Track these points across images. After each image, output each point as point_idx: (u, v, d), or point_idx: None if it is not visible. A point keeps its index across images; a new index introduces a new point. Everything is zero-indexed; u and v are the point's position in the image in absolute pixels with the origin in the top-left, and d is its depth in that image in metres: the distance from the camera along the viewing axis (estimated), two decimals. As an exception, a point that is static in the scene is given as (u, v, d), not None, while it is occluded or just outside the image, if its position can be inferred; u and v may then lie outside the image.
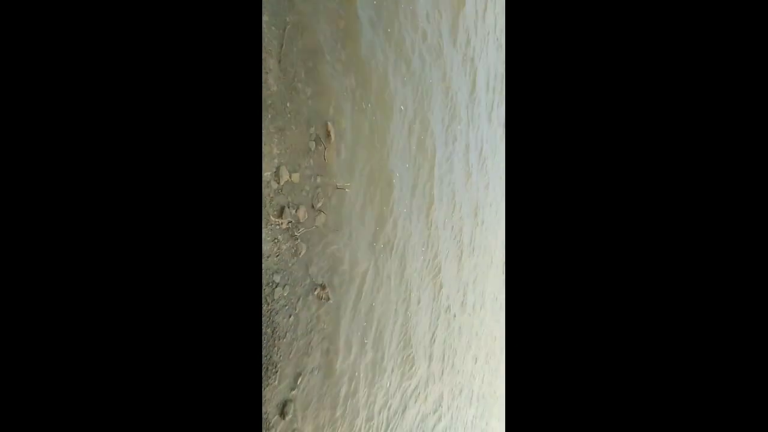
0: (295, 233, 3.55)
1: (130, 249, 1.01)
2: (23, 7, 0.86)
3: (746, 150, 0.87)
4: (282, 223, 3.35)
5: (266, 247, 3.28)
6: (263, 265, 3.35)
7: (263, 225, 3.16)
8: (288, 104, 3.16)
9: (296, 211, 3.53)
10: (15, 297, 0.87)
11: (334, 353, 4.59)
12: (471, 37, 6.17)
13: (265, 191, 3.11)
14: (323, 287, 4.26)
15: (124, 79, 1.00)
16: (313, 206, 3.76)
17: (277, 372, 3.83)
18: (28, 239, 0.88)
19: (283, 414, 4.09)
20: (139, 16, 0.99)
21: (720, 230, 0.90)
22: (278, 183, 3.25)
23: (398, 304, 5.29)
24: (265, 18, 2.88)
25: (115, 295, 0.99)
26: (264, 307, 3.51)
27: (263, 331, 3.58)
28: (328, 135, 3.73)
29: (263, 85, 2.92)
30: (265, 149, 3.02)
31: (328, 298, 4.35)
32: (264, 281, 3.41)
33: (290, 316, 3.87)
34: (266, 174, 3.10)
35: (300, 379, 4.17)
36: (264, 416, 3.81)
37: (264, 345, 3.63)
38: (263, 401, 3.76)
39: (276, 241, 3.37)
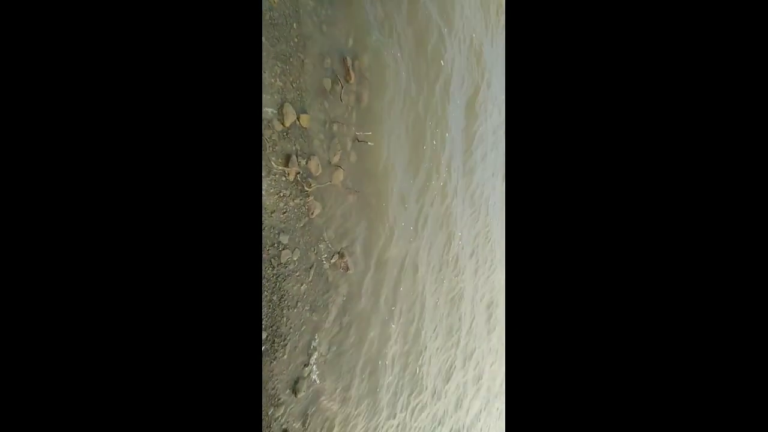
0: (306, 188, 3.05)
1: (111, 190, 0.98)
2: (23, 7, 0.86)
3: (746, 149, 0.88)
4: (288, 174, 2.84)
5: (269, 201, 2.81)
6: (266, 222, 2.90)
7: (263, 174, 2.67)
8: (295, 25, 2.60)
9: (307, 163, 3.02)
10: (15, 297, 0.88)
11: (357, 332, 4.13)
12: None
13: (265, 132, 2.61)
14: (342, 255, 3.77)
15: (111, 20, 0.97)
16: (329, 160, 3.23)
17: (286, 345, 3.44)
18: (22, 234, 0.88)
19: (295, 391, 3.72)
20: None
21: (720, 227, 0.91)
22: (282, 124, 2.73)
23: (426, 287, 4.68)
24: None
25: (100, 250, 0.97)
26: (269, 271, 3.09)
27: (268, 297, 3.17)
28: (348, 73, 3.13)
29: (263, -1, 2.38)
30: (264, 79, 2.49)
31: (347, 268, 3.86)
32: (268, 240, 2.96)
33: (302, 285, 3.43)
34: (267, 110, 2.59)
35: (315, 356, 3.77)
36: (272, 391, 3.47)
37: (269, 314, 3.23)
38: (271, 375, 3.40)
39: (282, 195, 2.89)
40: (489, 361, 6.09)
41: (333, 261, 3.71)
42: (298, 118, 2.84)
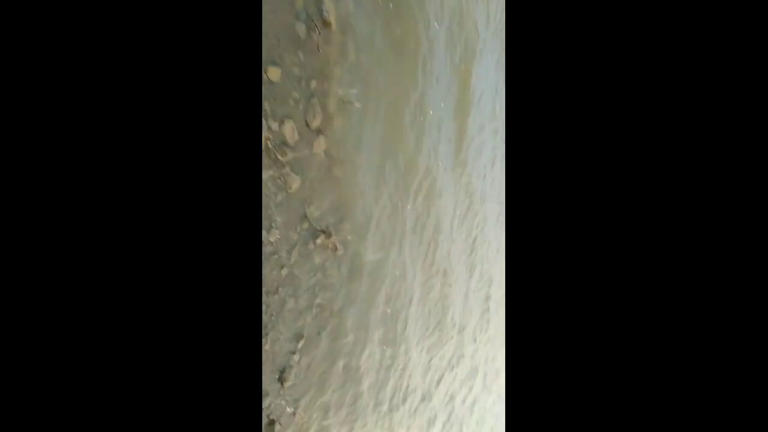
0: (280, 158, 2.61)
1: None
2: (23, 7, 0.86)
3: (747, 149, 0.89)
4: (256, 140, 2.38)
5: (234, 172, 2.38)
6: (233, 197, 2.48)
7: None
8: (252, -51, 2.06)
9: (281, 127, 2.56)
10: (14, 297, 0.87)
11: (347, 316, 3.81)
12: None
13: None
14: (328, 235, 3.37)
15: None
16: (307, 124, 2.76)
17: (267, 334, 3.13)
18: (21, 235, 0.88)
19: (282, 381, 3.44)
20: None
21: (721, 227, 0.90)
22: (246, 78, 2.24)
23: (423, 264, 4.29)
24: None
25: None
26: (240, 254, 2.71)
27: (242, 283, 2.82)
28: (326, 18, 2.61)
29: None
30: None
31: (336, 248, 3.47)
32: (237, 219, 2.56)
33: (282, 267, 3.07)
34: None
35: (301, 343, 3.46)
36: (254, 383, 3.19)
37: (245, 301, 2.88)
38: (251, 366, 3.11)
39: (250, 165, 2.45)
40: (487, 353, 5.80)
41: (319, 241, 3.32)
42: (266, 72, 2.36)
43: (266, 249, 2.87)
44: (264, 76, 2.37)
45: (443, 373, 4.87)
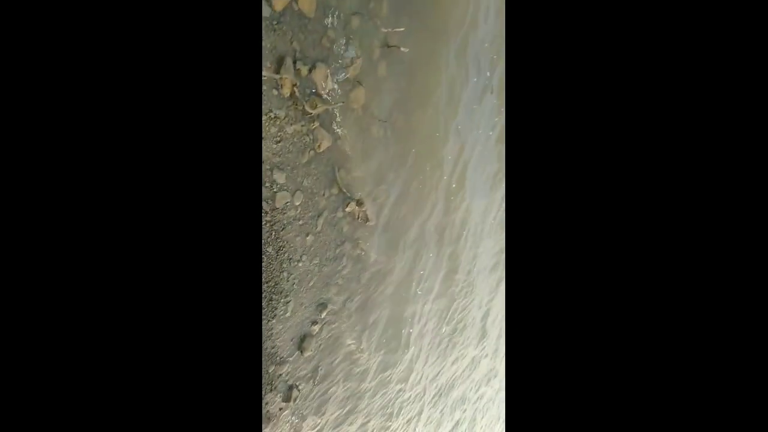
0: (309, 110, 2.22)
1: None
2: (23, 7, 0.88)
3: (747, 150, 0.91)
4: (282, 84, 2.01)
5: (254, 123, 2.03)
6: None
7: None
8: None
9: (311, 72, 2.15)
10: (15, 297, 0.90)
11: (377, 287, 3.55)
12: None
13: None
14: (360, 203, 3.02)
15: None
16: (344, 71, 2.32)
17: (288, 302, 2.94)
18: (19, 232, 0.90)
19: (301, 349, 3.32)
20: None
21: (720, 226, 0.92)
22: (272, 7, 1.83)
23: (467, 236, 3.86)
24: None
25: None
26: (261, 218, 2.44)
27: (263, 250, 2.57)
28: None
29: None
30: None
31: (367, 219, 3.13)
32: (257, 178, 2.26)
33: (307, 235, 2.79)
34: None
35: (324, 313, 3.27)
36: (272, 350, 3.06)
37: (265, 268, 2.66)
38: (270, 334, 2.96)
39: (272, 116, 2.10)
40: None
41: (349, 209, 2.98)
42: (295, 0, 1.92)
43: (288, 214, 2.58)
44: (294, 6, 1.93)
45: (462, 370, 4.59)
